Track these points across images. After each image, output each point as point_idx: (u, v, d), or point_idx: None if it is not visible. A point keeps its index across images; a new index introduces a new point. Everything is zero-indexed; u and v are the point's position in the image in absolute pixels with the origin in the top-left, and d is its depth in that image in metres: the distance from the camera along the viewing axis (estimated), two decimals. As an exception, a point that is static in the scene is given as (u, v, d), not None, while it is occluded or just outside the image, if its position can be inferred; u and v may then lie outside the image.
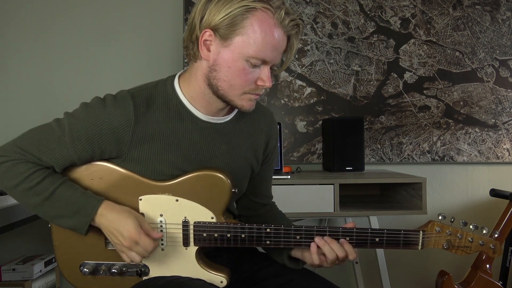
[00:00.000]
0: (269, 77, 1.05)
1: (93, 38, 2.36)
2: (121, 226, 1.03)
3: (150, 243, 1.04)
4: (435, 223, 1.12)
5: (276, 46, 1.02)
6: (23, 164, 1.04)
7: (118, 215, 1.04)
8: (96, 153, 1.07)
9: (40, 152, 1.04)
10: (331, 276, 2.41)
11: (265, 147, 1.26)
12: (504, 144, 2.47)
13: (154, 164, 1.09)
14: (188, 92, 1.11)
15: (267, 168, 1.31)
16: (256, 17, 0.99)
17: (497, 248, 1.13)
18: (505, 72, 2.47)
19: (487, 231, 1.12)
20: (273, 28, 1.00)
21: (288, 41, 1.06)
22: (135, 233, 1.02)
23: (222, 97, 1.08)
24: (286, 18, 1.01)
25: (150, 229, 1.06)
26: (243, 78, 1.03)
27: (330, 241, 1.09)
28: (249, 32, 1.00)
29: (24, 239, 2.31)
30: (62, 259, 1.14)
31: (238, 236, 1.10)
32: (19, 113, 2.32)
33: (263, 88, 1.07)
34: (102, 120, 1.04)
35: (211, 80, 1.06)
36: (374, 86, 2.43)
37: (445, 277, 2.10)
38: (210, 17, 1.01)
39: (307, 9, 2.40)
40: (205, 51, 1.04)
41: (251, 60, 1.01)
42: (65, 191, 1.04)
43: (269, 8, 1.00)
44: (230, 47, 1.01)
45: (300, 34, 1.07)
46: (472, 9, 2.45)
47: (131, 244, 1.03)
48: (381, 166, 2.47)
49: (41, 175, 1.04)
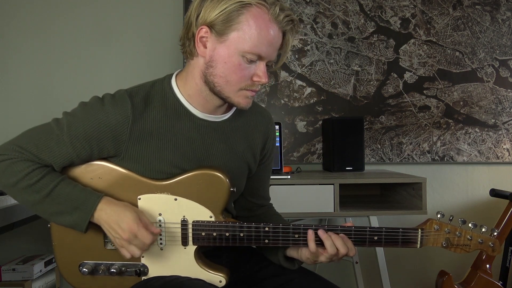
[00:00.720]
0: (265, 73, 1.06)
1: (93, 38, 2.36)
2: (120, 219, 1.03)
3: (149, 236, 1.04)
4: (434, 221, 1.12)
5: (271, 42, 1.03)
6: (22, 162, 1.04)
7: (117, 208, 1.04)
8: (94, 152, 1.07)
9: (39, 151, 1.04)
10: (331, 276, 2.42)
11: (263, 147, 1.26)
12: (504, 144, 2.47)
13: (152, 162, 1.09)
14: (185, 90, 1.12)
15: (265, 169, 1.31)
16: (251, 12, 1.00)
17: (496, 246, 1.12)
18: (505, 72, 2.46)
19: (486, 229, 1.11)
20: (268, 23, 1.01)
21: (283, 37, 1.07)
22: (133, 225, 1.02)
23: (218, 94, 1.08)
24: (281, 14, 1.02)
25: (148, 223, 1.06)
26: (239, 74, 1.04)
27: (335, 237, 1.08)
28: (244, 28, 1.01)
29: (24, 239, 2.31)
30: (61, 259, 1.14)
31: (237, 235, 1.10)
32: (19, 113, 2.33)
33: (259, 84, 1.07)
34: (100, 119, 1.05)
35: (208, 76, 1.07)
36: (374, 86, 2.43)
37: (445, 277, 2.10)
38: (206, 14, 1.02)
39: (307, 9, 2.40)
40: (202, 48, 1.05)
41: (246, 55, 1.02)
42: (65, 187, 1.05)
43: (264, 4, 1.01)
44: (226, 42, 1.02)
45: (296, 30, 1.08)
46: (472, 9, 2.45)
47: (129, 237, 1.03)
48: (381, 166, 2.47)
49: (40, 173, 1.04)
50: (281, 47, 1.09)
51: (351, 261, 2.38)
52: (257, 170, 1.28)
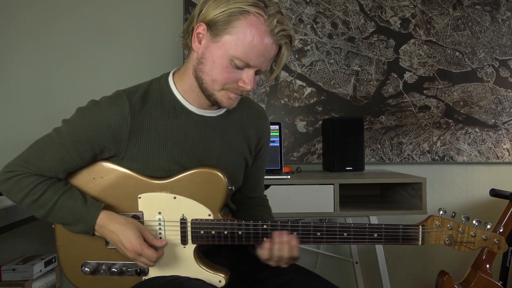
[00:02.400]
0: (251, 81, 1.06)
1: (93, 38, 2.36)
2: (123, 239, 1.06)
3: (153, 254, 1.06)
4: (435, 218, 1.10)
5: (262, 52, 1.03)
6: (27, 178, 1.08)
7: (119, 227, 1.07)
8: (96, 152, 1.09)
9: (43, 162, 1.08)
10: (331, 276, 2.42)
11: (257, 143, 1.28)
12: (504, 144, 2.47)
13: (152, 159, 1.11)
14: (181, 86, 1.14)
15: (259, 165, 1.32)
16: (248, 20, 1.01)
17: (502, 243, 1.09)
18: (505, 72, 2.46)
19: (491, 225, 1.09)
20: (262, 34, 1.02)
21: (279, 50, 1.07)
22: (136, 245, 1.05)
23: (204, 91, 1.10)
24: (278, 27, 1.02)
25: (152, 238, 1.08)
26: (225, 75, 1.05)
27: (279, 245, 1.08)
28: (238, 33, 1.02)
29: (24, 239, 2.31)
30: (64, 259, 1.16)
31: (235, 233, 1.11)
32: (19, 113, 2.32)
33: (244, 90, 1.08)
34: (99, 119, 1.07)
35: (198, 72, 1.09)
36: (374, 86, 2.43)
37: (445, 277, 2.10)
38: (207, 11, 1.04)
39: (307, 9, 2.40)
40: (197, 43, 1.07)
41: (235, 60, 1.03)
42: (67, 201, 1.08)
43: (262, 14, 1.01)
44: (219, 44, 1.04)
45: (292, 46, 1.08)
46: (472, 9, 2.45)
47: (134, 256, 1.06)
48: (381, 166, 2.47)
49: (43, 187, 1.08)
50: (276, 60, 1.09)
51: (351, 261, 2.38)
52: (252, 166, 1.29)
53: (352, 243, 1.09)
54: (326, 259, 2.47)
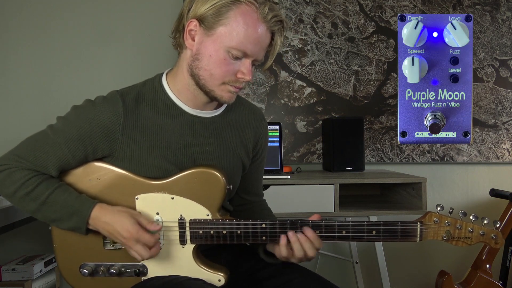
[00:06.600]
0: (249, 71, 1.07)
1: (93, 38, 2.36)
2: (119, 227, 1.05)
3: (150, 238, 1.06)
4: (433, 214, 1.10)
5: (258, 40, 1.05)
6: (19, 171, 1.07)
7: (113, 216, 1.06)
8: (89, 151, 1.09)
9: (36, 157, 1.07)
10: (331, 276, 2.41)
11: (255, 145, 1.27)
12: (504, 144, 2.47)
13: (147, 159, 1.11)
14: (174, 86, 1.14)
15: (257, 167, 1.32)
16: (240, 10, 1.02)
17: (499, 238, 1.10)
18: (505, 72, 2.46)
19: (488, 221, 1.09)
20: (256, 22, 1.03)
21: (272, 38, 1.08)
22: (133, 231, 1.04)
23: (203, 88, 1.10)
24: (270, 14, 1.04)
25: (147, 223, 1.07)
26: (223, 68, 1.06)
27: (303, 240, 1.09)
28: (232, 24, 1.02)
29: (24, 239, 2.32)
30: (62, 261, 1.16)
31: (234, 232, 1.11)
32: (19, 113, 2.33)
33: (243, 81, 1.08)
34: (92, 118, 1.07)
35: (194, 69, 1.08)
36: (374, 86, 2.43)
37: (445, 277, 2.10)
38: (196, 7, 1.05)
39: (307, 9, 2.40)
40: (190, 41, 1.08)
41: (232, 51, 1.04)
42: (60, 195, 1.07)
43: (253, 2, 1.03)
44: (213, 37, 1.04)
45: (285, 31, 1.09)
46: (472, 9, 2.45)
47: (132, 244, 1.05)
48: (381, 166, 2.47)
49: (36, 181, 1.07)
50: (269, 48, 1.10)
51: (351, 261, 2.38)
52: (250, 168, 1.29)
53: (351, 241, 1.10)
54: (326, 259, 2.47)
